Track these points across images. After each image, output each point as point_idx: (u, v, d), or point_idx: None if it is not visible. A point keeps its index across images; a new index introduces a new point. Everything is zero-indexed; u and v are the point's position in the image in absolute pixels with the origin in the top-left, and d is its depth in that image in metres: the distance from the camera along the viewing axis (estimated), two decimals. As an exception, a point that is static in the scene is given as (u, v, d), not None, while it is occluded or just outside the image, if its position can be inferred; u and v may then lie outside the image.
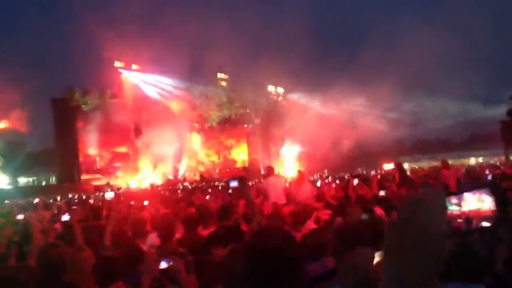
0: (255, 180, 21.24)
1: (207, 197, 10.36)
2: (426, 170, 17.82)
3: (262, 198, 8.22)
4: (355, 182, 8.29)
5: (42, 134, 29.17)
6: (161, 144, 27.86)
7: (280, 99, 34.53)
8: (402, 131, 32.57)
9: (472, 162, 29.36)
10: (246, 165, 33.77)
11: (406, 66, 26.97)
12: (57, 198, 18.39)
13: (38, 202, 9.48)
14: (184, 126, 30.24)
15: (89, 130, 29.42)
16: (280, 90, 34.18)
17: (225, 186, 15.19)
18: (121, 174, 30.11)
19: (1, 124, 26.43)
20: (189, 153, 31.61)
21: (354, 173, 20.29)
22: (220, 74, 32.16)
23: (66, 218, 4.50)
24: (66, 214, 4.83)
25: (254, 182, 18.21)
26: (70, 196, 19.56)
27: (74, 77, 32.11)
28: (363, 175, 15.15)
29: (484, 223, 2.23)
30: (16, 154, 27.16)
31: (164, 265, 2.69)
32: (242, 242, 3.54)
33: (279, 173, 26.96)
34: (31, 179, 30.81)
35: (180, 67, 28.28)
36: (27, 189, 26.03)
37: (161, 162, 29.86)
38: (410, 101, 32.43)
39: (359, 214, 4.66)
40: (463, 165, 23.41)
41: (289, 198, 8.18)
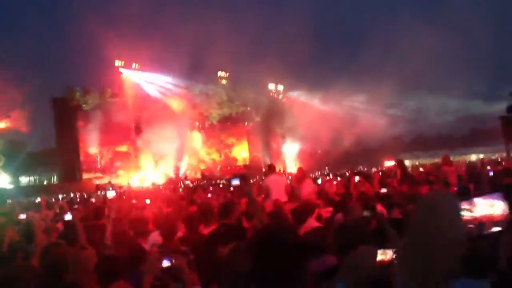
0: (256, 178, 21.26)
1: (209, 195, 10.37)
2: (427, 166, 17.77)
3: (264, 196, 8.22)
4: (357, 179, 8.27)
5: (43, 133, 29.20)
6: (161, 142, 27.86)
7: (280, 97, 34.51)
8: (402, 128, 32.57)
9: (473, 158, 29.30)
10: (247, 163, 33.80)
11: (406, 63, 26.96)
12: (58, 197, 18.43)
13: (41, 201, 9.47)
14: (184, 125, 30.21)
15: (89, 130, 29.43)
16: (280, 88, 34.16)
17: (226, 184, 15.20)
18: (122, 173, 30.14)
19: (2, 123, 26.44)
20: (190, 151, 31.59)
21: (355, 170, 20.28)
22: (220, 72, 32.13)
23: (68, 217, 4.50)
24: (68, 213, 4.83)
25: (255, 180, 18.24)
26: (71, 195, 19.60)
27: (74, 76, 32.18)
28: (364, 172, 15.12)
29: (495, 228, 2.21)
30: (17, 154, 27.19)
31: (166, 263, 2.69)
32: (243, 240, 3.54)
33: (280, 170, 27.00)
34: (33, 179, 30.83)
35: (180, 66, 28.30)
36: (29, 188, 26.07)
37: (162, 161, 29.88)
38: (410, 98, 32.47)
39: (360, 211, 4.65)
40: (464, 161, 23.35)
41: (290, 196, 8.17)
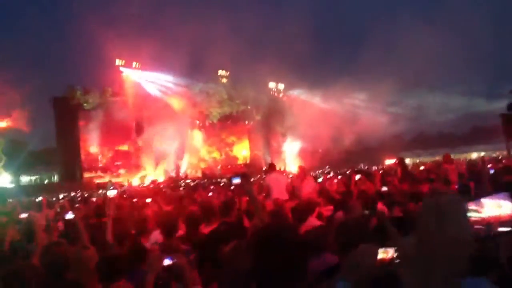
0: (257, 176, 21.25)
1: (210, 194, 10.36)
2: (428, 164, 17.74)
3: (264, 194, 8.22)
4: (357, 177, 8.26)
5: (44, 132, 29.27)
6: (162, 141, 27.88)
7: (281, 96, 34.49)
8: (403, 126, 32.53)
9: (473, 156, 29.28)
10: (248, 161, 33.81)
11: (406, 62, 26.92)
12: (59, 196, 18.43)
13: (42, 200, 9.47)
14: (185, 123, 30.22)
15: (90, 129, 29.48)
16: (281, 86, 34.13)
17: (227, 183, 15.19)
18: (123, 171, 30.16)
19: (3, 123, 26.47)
20: (190, 150, 31.61)
21: (356, 168, 20.26)
22: (220, 71, 32.11)
23: (69, 216, 4.51)
24: (69, 212, 4.83)
25: (256, 179, 18.23)
26: (72, 194, 19.59)
27: (75, 76, 32.27)
28: (365, 170, 15.12)
29: (503, 228, 2.20)
30: (18, 153, 27.22)
31: (168, 262, 2.68)
32: (244, 238, 3.54)
33: (281, 169, 26.99)
34: (33, 178, 30.87)
35: (180, 65, 28.32)
36: (30, 187, 26.10)
37: (163, 160, 29.90)
38: (410, 96, 32.42)
39: (361, 209, 4.64)
40: (465, 159, 23.34)
41: (291, 194, 8.17)
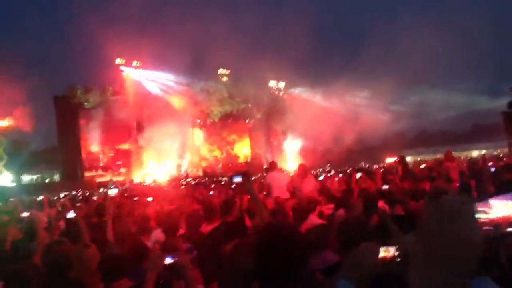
0: (258, 175, 21.27)
1: (211, 192, 10.36)
2: (429, 162, 17.71)
3: (265, 193, 8.22)
4: (358, 175, 8.25)
5: (45, 132, 29.29)
6: (163, 140, 27.88)
7: (281, 94, 34.46)
8: (404, 124, 32.47)
9: (475, 154, 29.25)
10: (249, 160, 33.80)
11: (408, 60, 26.88)
12: (60, 195, 18.45)
13: (43, 199, 9.47)
14: (186, 122, 30.22)
15: (91, 128, 29.50)
16: (281, 84, 34.10)
17: (228, 182, 15.18)
18: (124, 170, 30.19)
19: (4, 122, 26.48)
20: (191, 149, 31.61)
21: (356, 166, 20.22)
22: (221, 70, 32.09)
23: (70, 215, 4.51)
24: (71, 211, 4.84)
25: (257, 177, 18.23)
26: (74, 193, 19.61)
27: (76, 75, 32.19)
28: (366, 169, 15.09)
29: (511, 229, 2.19)
30: (19, 152, 27.25)
31: (169, 261, 2.67)
32: (244, 237, 3.55)
33: (282, 167, 26.98)
34: (35, 177, 30.91)
35: (181, 63, 28.26)
36: (31, 186, 26.14)
37: (164, 158, 29.91)
38: (412, 94, 32.38)
39: (362, 207, 4.65)
40: (466, 157, 23.30)
41: (292, 192, 8.17)
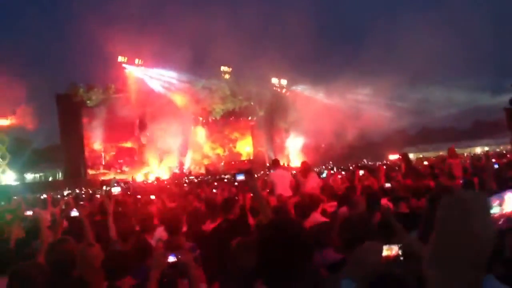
0: (261, 172, 21.28)
1: (214, 190, 10.35)
2: (432, 159, 17.69)
3: (268, 190, 8.21)
4: (361, 173, 8.23)
5: (47, 130, 29.37)
6: (166, 138, 27.90)
7: (283, 91, 34.41)
8: (406, 121, 32.39)
9: (477, 151, 29.17)
10: (252, 157, 33.79)
11: (410, 57, 26.82)
12: (64, 193, 18.51)
13: (47, 198, 9.49)
14: (188, 120, 30.24)
15: (94, 126, 29.53)
16: (283, 82, 34.05)
17: (231, 179, 15.19)
18: (127, 168, 30.24)
19: (7, 121, 26.56)
20: (194, 146, 31.64)
21: (359, 163, 20.19)
22: (223, 67, 32.06)
23: (74, 213, 4.51)
24: (74, 209, 4.84)
25: (259, 175, 18.25)
26: (77, 191, 19.66)
27: (78, 73, 32.22)
28: (369, 166, 15.07)
29: None
30: (22, 151, 27.34)
31: (172, 259, 2.67)
32: (247, 235, 3.55)
33: (284, 165, 26.98)
34: (38, 175, 31.01)
35: (183, 61, 28.28)
36: (34, 185, 26.22)
37: (166, 156, 29.94)
38: (414, 91, 32.27)
39: (365, 205, 4.64)
40: (469, 154, 23.25)
41: (295, 190, 8.16)
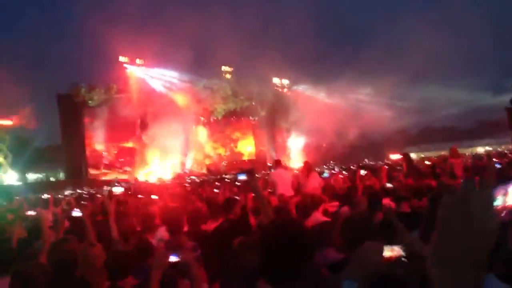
0: (262, 172, 21.29)
1: (216, 190, 10.35)
2: (433, 159, 17.67)
3: (270, 190, 8.22)
4: (363, 172, 8.24)
5: (49, 130, 29.39)
6: (167, 138, 27.90)
7: (285, 91, 34.41)
8: (408, 120, 32.37)
9: (479, 150, 29.12)
10: (253, 157, 33.78)
11: (411, 56, 26.80)
12: (65, 193, 18.55)
13: (49, 198, 9.52)
14: (189, 120, 30.23)
15: (95, 126, 29.54)
16: (285, 81, 34.05)
17: (232, 179, 15.19)
18: (128, 168, 30.26)
19: (9, 121, 26.60)
20: (195, 146, 31.65)
21: (361, 163, 20.20)
22: (224, 67, 32.07)
23: (76, 213, 4.52)
24: (76, 209, 4.85)
25: (261, 175, 18.26)
26: (79, 191, 19.70)
27: (80, 73, 32.26)
28: (371, 166, 15.07)
29: None
30: (24, 151, 27.37)
31: (173, 259, 2.67)
32: (248, 235, 3.56)
33: (286, 165, 26.98)
34: (40, 175, 31.05)
35: (184, 61, 28.28)
36: (36, 185, 26.25)
37: (168, 156, 29.95)
38: (415, 90, 32.23)
39: (366, 204, 4.64)
40: (471, 153, 23.21)
41: (297, 190, 8.17)
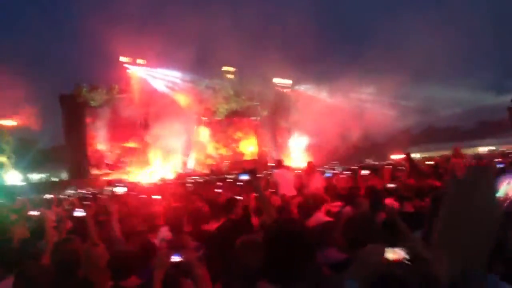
0: (264, 172, 21.27)
1: (219, 190, 10.36)
2: (436, 159, 17.63)
3: (272, 190, 8.23)
4: (365, 172, 8.24)
5: (52, 130, 29.44)
6: (169, 138, 27.93)
7: (287, 91, 34.39)
8: (409, 120, 32.31)
9: (481, 150, 29.03)
10: (255, 157, 33.77)
11: (414, 55, 26.75)
12: (68, 193, 18.59)
13: (52, 198, 9.54)
14: (191, 120, 30.26)
15: (98, 126, 29.60)
16: (287, 81, 34.03)
17: (234, 179, 15.17)
18: (130, 168, 30.30)
19: (11, 121, 26.67)
20: (197, 146, 31.67)
21: (362, 163, 20.16)
22: (226, 67, 32.09)
23: (79, 213, 4.53)
24: (79, 209, 4.87)
25: (263, 175, 18.25)
26: (81, 191, 19.73)
27: (82, 73, 32.25)
28: (373, 166, 15.03)
29: None
30: (27, 151, 27.44)
31: (176, 258, 2.67)
32: (249, 234, 3.57)
33: (288, 165, 26.96)
34: (43, 176, 31.12)
35: (185, 61, 28.29)
36: (39, 185, 26.32)
37: (170, 156, 29.98)
38: (417, 90, 32.17)
39: (368, 205, 4.64)
40: (473, 153, 23.13)
41: (299, 190, 8.17)
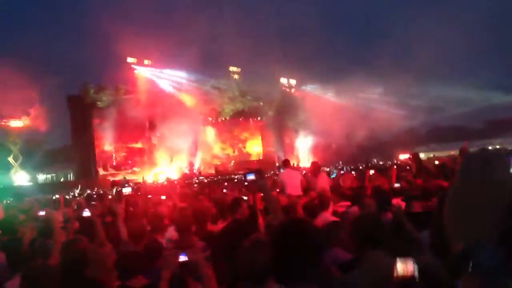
0: (270, 172, 21.29)
1: (224, 190, 10.38)
2: (443, 159, 17.52)
3: (278, 190, 8.22)
4: (371, 172, 8.21)
5: (59, 131, 29.62)
6: (175, 138, 27.99)
7: (293, 91, 34.37)
8: (416, 120, 32.15)
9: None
10: (261, 157, 33.79)
11: (421, 55, 26.62)
12: (75, 194, 18.71)
13: (59, 198, 9.60)
14: (198, 120, 30.32)
15: (104, 127, 29.71)
16: (292, 81, 34.01)
17: (241, 179, 15.21)
18: (137, 169, 30.41)
19: (19, 122, 26.88)
20: (203, 147, 31.72)
21: (369, 163, 20.09)
22: (232, 67, 32.11)
23: (86, 213, 4.56)
24: (86, 210, 4.89)
25: (269, 175, 18.26)
26: (88, 191, 19.86)
27: (89, 74, 32.36)
28: (379, 166, 14.99)
29: None
30: (35, 152, 27.64)
31: (183, 258, 2.68)
32: (256, 234, 3.56)
33: (294, 165, 26.95)
34: (50, 176, 31.33)
35: (192, 61, 28.33)
36: (47, 185, 26.51)
37: (176, 156, 30.05)
38: (424, 89, 32.00)
39: (375, 206, 4.62)
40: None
41: (305, 190, 8.15)
